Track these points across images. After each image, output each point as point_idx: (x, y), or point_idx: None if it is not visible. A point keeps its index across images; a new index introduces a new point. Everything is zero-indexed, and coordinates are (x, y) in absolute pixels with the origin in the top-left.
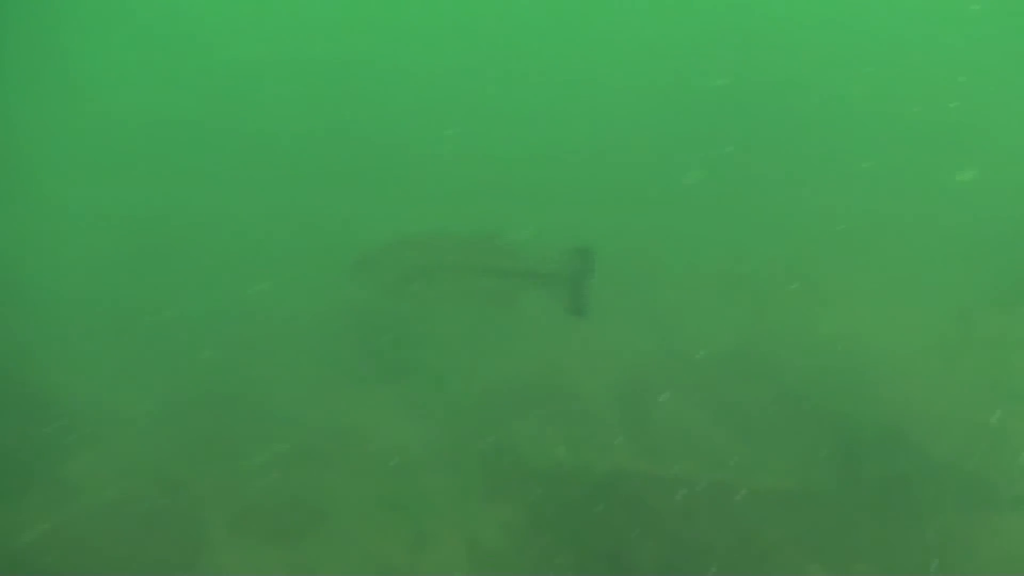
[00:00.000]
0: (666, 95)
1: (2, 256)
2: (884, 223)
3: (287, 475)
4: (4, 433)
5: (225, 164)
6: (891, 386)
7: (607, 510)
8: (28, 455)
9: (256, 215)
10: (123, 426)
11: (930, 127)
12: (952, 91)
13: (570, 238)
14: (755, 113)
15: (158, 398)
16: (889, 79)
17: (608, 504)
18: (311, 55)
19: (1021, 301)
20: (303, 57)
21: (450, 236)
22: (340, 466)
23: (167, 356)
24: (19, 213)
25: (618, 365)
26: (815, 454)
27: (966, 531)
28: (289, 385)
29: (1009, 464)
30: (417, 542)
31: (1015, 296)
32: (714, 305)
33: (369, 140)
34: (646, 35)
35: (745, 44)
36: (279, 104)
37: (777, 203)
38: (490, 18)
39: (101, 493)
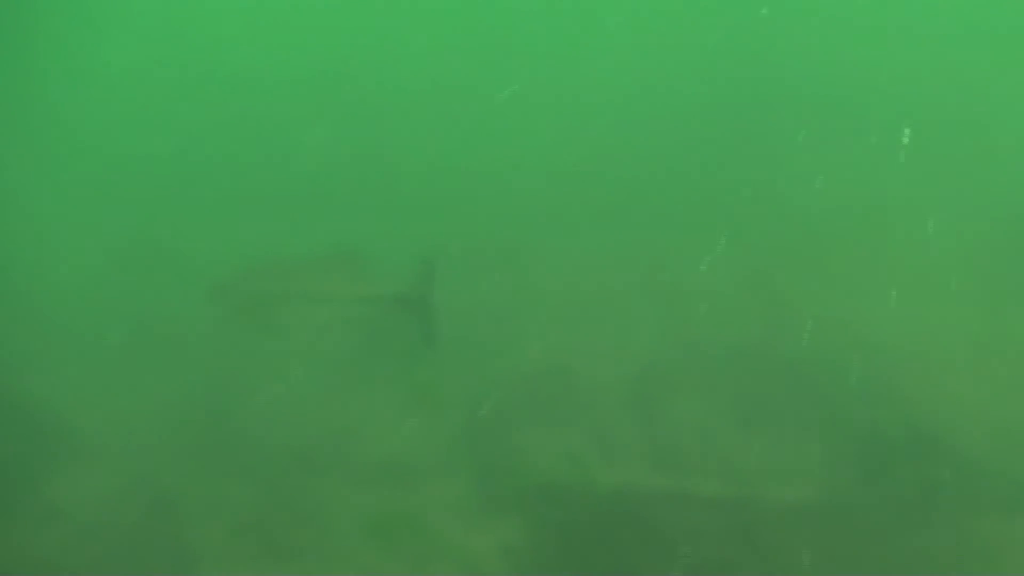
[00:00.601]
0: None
1: None
2: (913, 217)
3: (281, 490)
4: None
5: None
6: (922, 387)
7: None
8: (13, 473)
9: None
10: (110, 442)
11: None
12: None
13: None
14: (761, 100)
15: (147, 414)
16: (914, 63)
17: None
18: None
19: None
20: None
21: (308, 259)
22: (335, 479)
23: (155, 372)
24: (7, 228)
25: (628, 365)
26: (841, 461)
27: (1006, 539)
28: (282, 397)
29: None
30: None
31: None
32: (730, 301)
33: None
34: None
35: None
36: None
37: (798, 194)
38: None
39: (89, 512)
